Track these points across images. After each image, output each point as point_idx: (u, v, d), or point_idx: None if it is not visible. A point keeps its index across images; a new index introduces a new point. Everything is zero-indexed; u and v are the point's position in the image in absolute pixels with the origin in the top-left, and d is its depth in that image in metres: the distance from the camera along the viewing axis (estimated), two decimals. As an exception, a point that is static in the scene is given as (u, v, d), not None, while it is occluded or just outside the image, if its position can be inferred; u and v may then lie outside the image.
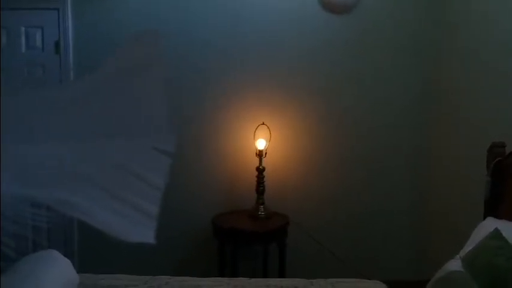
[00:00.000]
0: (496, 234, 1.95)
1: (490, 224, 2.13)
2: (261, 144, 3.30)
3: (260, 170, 3.27)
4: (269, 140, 3.34)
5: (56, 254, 2.22)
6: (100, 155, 1.47)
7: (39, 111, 1.44)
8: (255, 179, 3.28)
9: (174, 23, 3.36)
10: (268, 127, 3.35)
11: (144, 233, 1.46)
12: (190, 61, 3.41)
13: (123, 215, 1.43)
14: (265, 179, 3.29)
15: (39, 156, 1.36)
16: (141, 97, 1.59)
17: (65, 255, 2.29)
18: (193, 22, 3.40)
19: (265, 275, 3.35)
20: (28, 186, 1.31)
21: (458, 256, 2.07)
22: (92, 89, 1.56)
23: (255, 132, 3.34)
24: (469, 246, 2.08)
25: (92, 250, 3.42)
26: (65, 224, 3.45)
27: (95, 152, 1.46)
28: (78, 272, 2.27)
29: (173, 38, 3.34)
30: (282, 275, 3.25)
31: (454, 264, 1.98)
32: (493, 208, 2.38)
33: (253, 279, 2.42)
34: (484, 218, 2.34)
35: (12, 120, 1.33)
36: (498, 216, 2.29)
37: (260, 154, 3.28)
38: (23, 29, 3.42)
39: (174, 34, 3.35)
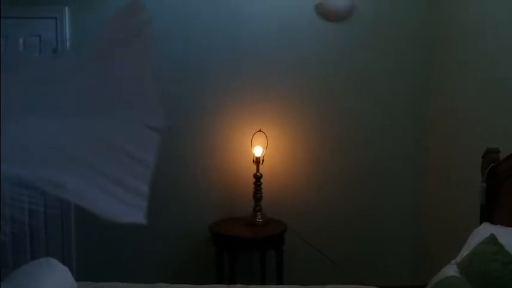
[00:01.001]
0: (492, 239, 1.97)
1: (485, 229, 2.15)
2: (258, 151, 3.31)
3: (257, 177, 3.29)
4: (266, 147, 3.36)
5: (54, 262, 2.22)
6: (88, 133, 1.43)
7: (25, 88, 1.39)
8: (252, 186, 3.30)
9: (172, 31, 3.38)
10: (265, 134, 3.37)
11: (134, 213, 1.41)
12: (188, 68, 3.43)
13: (113, 194, 1.39)
14: (262, 185, 3.30)
15: (25, 135, 1.31)
16: (128, 72, 1.54)
17: (63, 263, 2.29)
18: (191, 30, 3.42)
19: (262, 281, 3.35)
20: (15, 166, 1.26)
21: (454, 261, 2.08)
22: (78, 65, 1.51)
23: (252, 139, 3.36)
24: (465, 252, 2.10)
25: (90, 257, 3.42)
26: (63, 231, 3.45)
27: (82, 129, 1.42)
28: (76, 280, 2.27)
29: (171, 45, 3.36)
30: (279, 281, 3.26)
31: (450, 269, 2.00)
32: (489, 213, 2.40)
33: (251, 286, 2.42)
34: (480, 224, 2.36)
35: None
36: (494, 221, 2.30)
37: (257, 161, 3.29)
38: (20, 37, 3.43)
39: (172, 41, 3.38)
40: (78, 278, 2.33)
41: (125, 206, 1.40)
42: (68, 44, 3.43)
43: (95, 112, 1.44)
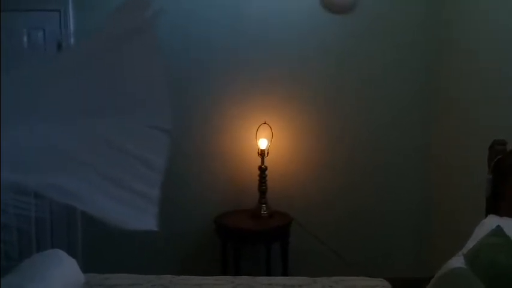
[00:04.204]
0: (498, 231, 1.96)
1: (491, 222, 2.14)
2: (263, 143, 3.31)
3: (262, 169, 3.29)
4: (271, 139, 3.35)
5: (61, 254, 2.23)
6: (93, 135, 1.34)
7: (25, 87, 1.30)
8: (257, 178, 3.30)
9: (176, 23, 3.37)
10: (270, 126, 3.36)
11: (145, 219, 1.34)
12: (192, 61, 3.42)
13: (121, 200, 1.32)
14: (267, 178, 3.30)
15: (26, 137, 1.23)
16: (134, 69, 1.45)
17: (69, 255, 2.30)
18: (194, 22, 3.41)
19: (268, 273, 3.36)
20: (16, 171, 1.18)
21: (461, 253, 2.08)
22: (80, 63, 1.41)
23: (256, 131, 3.36)
24: (471, 243, 2.09)
25: (96, 250, 3.44)
26: (69, 223, 3.47)
27: (87, 130, 1.33)
28: (82, 272, 2.28)
29: (175, 37, 3.35)
30: (284, 273, 3.27)
31: (457, 261, 1.99)
32: (495, 205, 2.39)
33: (257, 278, 2.42)
34: (486, 216, 2.35)
35: None
36: (500, 213, 2.30)
37: (262, 153, 3.29)
38: (24, 30, 3.43)
39: (176, 34, 3.37)
40: (84, 269, 2.34)
41: (135, 212, 1.34)
42: (72, 37, 3.43)
43: (101, 113, 1.36)
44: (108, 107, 1.38)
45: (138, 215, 1.35)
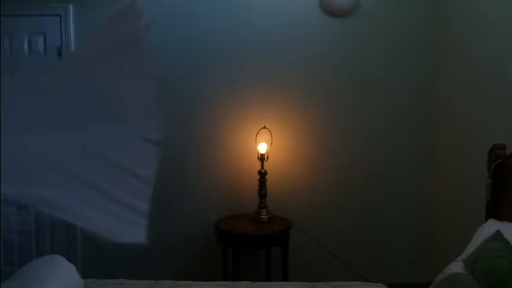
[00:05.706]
0: (498, 236, 1.96)
1: (491, 226, 2.14)
2: (262, 148, 3.31)
3: (262, 174, 3.29)
4: (271, 144, 3.35)
5: (60, 259, 2.23)
6: (81, 146, 1.34)
7: (13, 99, 1.28)
8: (257, 182, 3.30)
9: (175, 28, 3.38)
10: (269, 131, 3.36)
11: (134, 232, 1.33)
12: (191, 65, 3.43)
13: (111, 213, 1.31)
14: (267, 182, 3.30)
15: (14, 149, 1.21)
16: (123, 80, 1.44)
17: (68, 260, 2.30)
18: (194, 27, 3.42)
19: (268, 278, 3.35)
20: (6, 184, 1.16)
21: (460, 258, 2.07)
22: (70, 75, 1.40)
23: (256, 136, 3.36)
24: (471, 248, 2.08)
25: (95, 255, 3.43)
26: (68, 228, 3.47)
27: (75, 142, 1.32)
28: (81, 277, 2.28)
29: (174, 42, 3.37)
30: (284, 278, 3.26)
31: (456, 266, 1.99)
32: (495, 210, 2.39)
33: (256, 283, 2.43)
34: (486, 220, 2.34)
35: None
36: (499, 217, 2.29)
37: (262, 158, 3.29)
38: (25, 35, 3.45)
39: (175, 39, 3.38)
40: (83, 275, 2.34)
41: (124, 225, 1.33)
42: (72, 41, 3.44)
43: (89, 125, 1.35)
44: (97, 118, 1.38)
45: (128, 228, 1.34)
